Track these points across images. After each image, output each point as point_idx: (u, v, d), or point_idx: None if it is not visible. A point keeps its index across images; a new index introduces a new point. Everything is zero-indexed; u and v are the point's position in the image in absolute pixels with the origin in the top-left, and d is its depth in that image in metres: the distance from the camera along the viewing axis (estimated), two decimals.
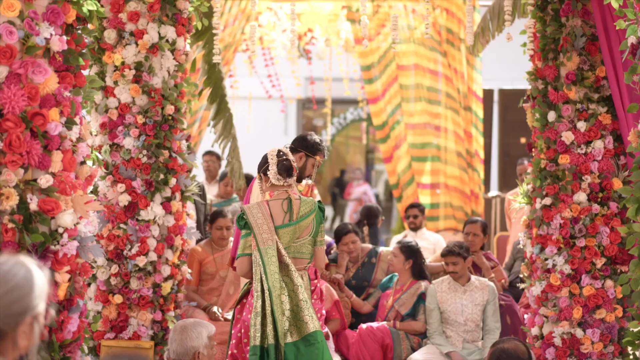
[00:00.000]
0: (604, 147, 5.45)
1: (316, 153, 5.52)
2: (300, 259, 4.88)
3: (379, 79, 9.96)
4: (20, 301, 2.18)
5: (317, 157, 5.51)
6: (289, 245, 4.84)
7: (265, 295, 4.68)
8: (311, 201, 4.96)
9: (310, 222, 4.90)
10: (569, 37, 5.45)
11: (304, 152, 5.51)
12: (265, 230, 4.79)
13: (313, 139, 5.53)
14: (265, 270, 4.71)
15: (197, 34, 6.37)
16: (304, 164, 5.48)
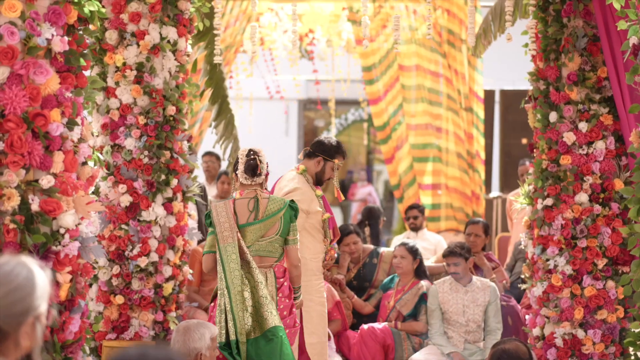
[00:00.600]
0: (605, 147, 5.45)
1: (334, 156, 5.57)
2: (266, 257, 4.96)
3: (380, 80, 9.96)
4: (22, 301, 2.18)
5: (335, 160, 5.56)
6: (254, 243, 4.93)
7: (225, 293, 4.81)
8: (281, 200, 5.02)
9: (276, 220, 4.95)
10: (570, 38, 5.45)
11: (321, 156, 5.56)
12: (227, 229, 4.88)
13: (330, 142, 5.61)
14: (224, 268, 4.83)
15: (199, 34, 6.37)
16: (322, 168, 5.60)
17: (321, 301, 5.58)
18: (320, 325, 5.56)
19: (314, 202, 5.57)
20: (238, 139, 7.97)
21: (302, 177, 5.63)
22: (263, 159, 5.04)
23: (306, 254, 5.51)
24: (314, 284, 5.55)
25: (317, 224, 5.59)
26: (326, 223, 5.63)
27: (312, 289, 5.53)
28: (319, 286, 5.58)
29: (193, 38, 6.03)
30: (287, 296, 5.00)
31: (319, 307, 5.56)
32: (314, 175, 5.66)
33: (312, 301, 5.52)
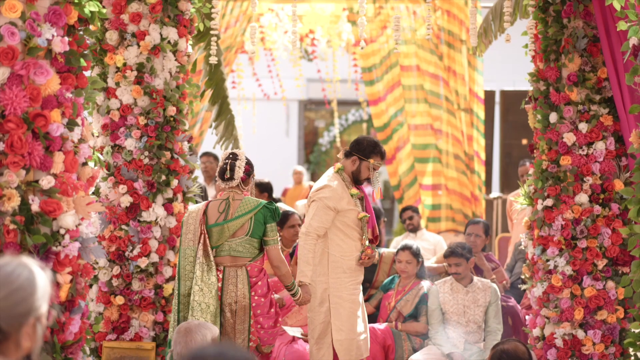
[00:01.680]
0: (605, 148, 5.45)
1: (369, 156, 5.63)
2: (238, 257, 5.04)
3: (380, 81, 9.96)
4: (23, 302, 2.18)
5: (370, 160, 5.59)
6: (222, 244, 5.03)
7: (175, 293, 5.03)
8: (254, 202, 5.08)
9: (244, 221, 5.02)
10: (570, 39, 5.45)
11: (356, 155, 5.60)
12: (191, 231, 5.06)
13: (367, 142, 5.67)
14: (179, 270, 5.04)
15: (199, 35, 6.37)
16: (357, 167, 5.68)
17: (351, 298, 5.63)
18: (349, 322, 5.62)
19: (343, 200, 5.63)
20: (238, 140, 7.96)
21: (338, 175, 5.71)
22: (240, 163, 5.10)
23: (336, 251, 5.63)
24: (344, 281, 5.63)
25: (350, 222, 5.66)
26: (363, 222, 5.69)
27: (342, 286, 5.62)
28: (349, 284, 5.64)
29: (193, 39, 6.03)
30: (262, 295, 5.05)
31: (348, 304, 5.62)
32: (350, 174, 5.73)
33: (341, 298, 5.61)
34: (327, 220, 5.56)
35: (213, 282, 4.95)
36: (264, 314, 5.05)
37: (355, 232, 5.68)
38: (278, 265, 5.09)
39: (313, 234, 5.52)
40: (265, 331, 5.05)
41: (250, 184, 5.17)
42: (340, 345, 5.60)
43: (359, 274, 5.72)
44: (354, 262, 5.67)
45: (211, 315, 4.91)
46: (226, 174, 5.07)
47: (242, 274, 5.01)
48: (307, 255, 5.50)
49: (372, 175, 5.72)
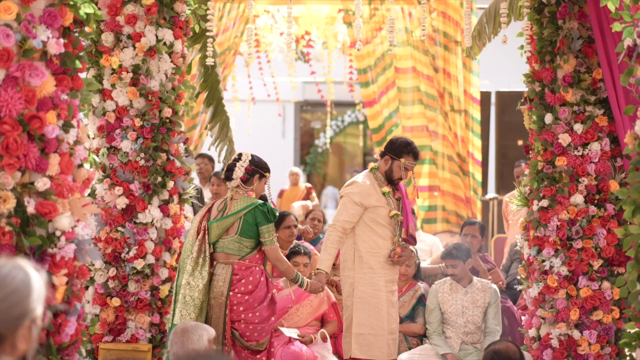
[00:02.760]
0: (600, 149, 5.46)
1: (401, 155, 5.71)
2: (230, 254, 5.25)
3: (375, 82, 9.96)
4: (19, 305, 2.18)
5: (402, 160, 5.64)
6: (218, 240, 5.26)
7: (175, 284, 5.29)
8: (246, 202, 5.26)
9: (234, 220, 5.22)
10: (565, 40, 5.46)
11: (388, 155, 5.68)
12: (194, 227, 5.32)
13: (399, 142, 5.75)
14: (179, 264, 5.29)
15: (194, 37, 6.37)
16: (390, 167, 5.80)
17: (377, 294, 5.71)
18: (372, 317, 5.70)
19: (372, 197, 5.75)
20: (233, 141, 7.96)
21: (371, 174, 5.87)
22: (242, 164, 5.30)
23: (362, 247, 5.75)
24: (369, 277, 5.72)
25: (380, 220, 5.76)
26: (395, 221, 5.77)
27: (367, 282, 5.73)
28: (375, 280, 5.72)
29: (188, 40, 6.03)
30: (246, 292, 5.19)
31: (374, 299, 5.70)
32: (384, 173, 5.86)
33: (365, 293, 5.71)
34: (352, 215, 5.73)
35: (203, 277, 5.17)
36: (247, 310, 5.18)
37: (387, 230, 5.78)
38: (276, 264, 5.29)
39: (338, 227, 5.72)
40: (247, 326, 5.18)
41: (254, 185, 5.32)
42: (360, 338, 5.68)
43: (388, 271, 5.77)
44: (382, 259, 5.75)
45: (195, 308, 5.11)
46: (223, 173, 5.35)
47: (227, 271, 5.20)
48: (329, 245, 5.71)
49: (406, 175, 5.81)
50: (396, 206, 5.84)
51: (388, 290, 5.78)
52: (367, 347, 5.69)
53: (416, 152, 5.82)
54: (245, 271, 5.22)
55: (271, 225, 5.23)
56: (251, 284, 5.22)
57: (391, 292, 5.81)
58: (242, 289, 5.19)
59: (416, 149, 5.84)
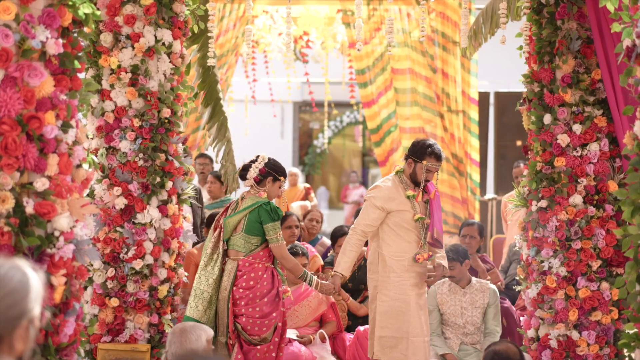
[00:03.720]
0: (599, 149, 5.46)
1: (423, 158, 5.71)
2: (237, 251, 5.51)
3: (373, 83, 9.96)
4: (16, 305, 2.18)
5: (424, 162, 5.66)
6: (230, 237, 5.54)
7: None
8: (254, 200, 5.50)
9: (240, 218, 5.48)
10: (564, 40, 5.46)
11: (411, 157, 5.74)
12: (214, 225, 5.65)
13: (420, 144, 5.78)
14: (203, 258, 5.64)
15: (193, 37, 6.37)
16: (413, 169, 5.80)
17: (402, 298, 5.71)
18: (396, 319, 5.70)
19: (394, 201, 5.76)
20: (231, 142, 7.97)
21: (396, 177, 5.88)
22: (257, 165, 5.53)
23: (385, 251, 5.75)
24: (392, 280, 5.73)
25: (403, 223, 5.75)
26: (420, 224, 5.75)
27: (390, 285, 5.74)
28: (399, 284, 5.72)
29: (187, 41, 6.03)
30: (247, 288, 5.41)
31: (395, 302, 5.71)
32: (409, 176, 5.86)
33: (387, 296, 5.72)
34: (374, 219, 5.75)
35: (214, 272, 5.47)
36: (248, 305, 5.38)
37: (412, 233, 5.77)
38: (282, 262, 5.49)
39: (358, 230, 5.77)
40: (247, 320, 5.39)
41: (266, 186, 5.54)
42: (383, 341, 5.70)
43: (414, 275, 5.75)
44: (406, 262, 5.73)
45: (204, 302, 5.44)
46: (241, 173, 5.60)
47: (232, 267, 5.46)
48: (347, 248, 5.76)
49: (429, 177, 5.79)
50: (423, 209, 5.82)
51: (415, 294, 5.76)
52: (388, 349, 5.69)
53: (438, 153, 5.79)
54: (248, 267, 5.43)
55: (276, 224, 5.40)
56: (252, 279, 5.41)
57: (418, 295, 5.78)
58: (244, 284, 5.40)
59: (438, 150, 5.80)
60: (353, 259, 5.79)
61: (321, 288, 5.65)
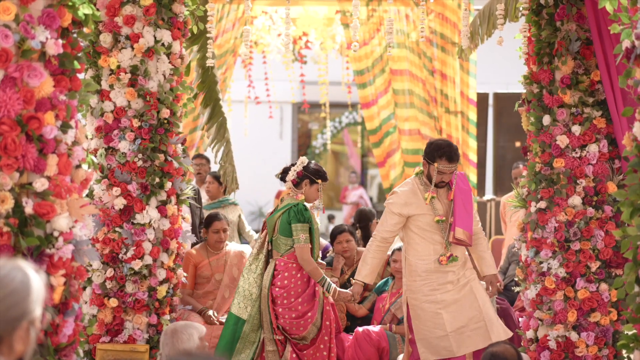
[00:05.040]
0: (598, 150, 5.46)
1: (434, 159, 5.63)
2: (276, 251, 5.75)
3: (372, 84, 9.95)
4: (17, 306, 2.17)
5: (435, 164, 5.61)
6: (272, 238, 5.77)
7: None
8: (288, 202, 5.69)
9: (276, 219, 5.72)
10: (563, 41, 5.46)
11: (425, 159, 5.71)
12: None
13: (432, 146, 5.70)
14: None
15: (192, 38, 6.37)
16: (427, 171, 5.72)
17: (430, 299, 5.65)
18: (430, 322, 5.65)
19: (411, 205, 5.68)
20: (230, 142, 7.96)
21: (416, 179, 5.80)
22: (295, 168, 5.76)
23: (411, 255, 5.72)
24: (418, 284, 5.69)
25: (425, 226, 5.67)
26: (441, 225, 5.65)
27: (416, 289, 5.70)
28: (424, 287, 5.67)
29: (186, 41, 6.03)
30: (282, 287, 5.61)
31: (427, 304, 5.66)
32: (427, 177, 5.76)
33: (417, 300, 5.69)
34: (392, 225, 5.69)
35: (255, 271, 5.71)
36: (282, 305, 5.60)
37: (436, 235, 5.68)
38: (302, 263, 5.64)
39: (378, 237, 5.74)
40: (285, 320, 5.61)
41: (303, 188, 5.73)
42: (426, 343, 5.67)
43: (440, 275, 5.66)
44: (431, 265, 5.66)
45: (246, 299, 5.68)
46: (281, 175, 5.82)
47: (271, 267, 5.70)
48: (367, 255, 5.76)
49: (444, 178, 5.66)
50: (447, 209, 5.70)
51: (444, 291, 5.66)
52: (433, 349, 5.67)
53: (450, 155, 5.63)
54: (284, 267, 5.65)
55: (300, 225, 5.57)
56: (286, 279, 5.63)
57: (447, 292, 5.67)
58: (279, 284, 5.62)
59: (450, 152, 5.64)
60: (374, 266, 5.74)
61: (339, 296, 5.68)
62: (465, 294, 5.71)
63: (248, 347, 5.68)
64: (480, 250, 5.87)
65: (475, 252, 5.88)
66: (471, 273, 5.77)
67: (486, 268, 5.87)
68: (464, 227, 5.65)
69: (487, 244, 5.93)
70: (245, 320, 5.68)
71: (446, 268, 5.67)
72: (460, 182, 5.77)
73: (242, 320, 5.68)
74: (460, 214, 5.66)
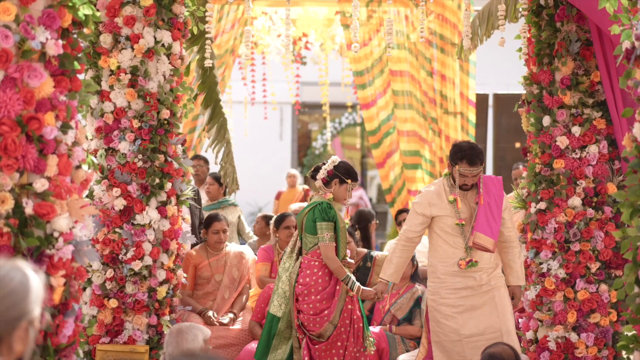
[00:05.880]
0: (598, 151, 5.46)
1: (456, 162, 5.53)
2: (304, 248, 5.79)
3: (372, 85, 9.95)
4: (16, 306, 2.17)
5: (456, 167, 5.53)
6: (301, 236, 5.81)
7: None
8: (315, 200, 5.73)
9: (303, 217, 5.75)
10: (563, 42, 5.47)
11: (449, 161, 5.64)
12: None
13: (454, 149, 5.59)
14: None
15: (192, 38, 6.37)
16: (452, 173, 5.62)
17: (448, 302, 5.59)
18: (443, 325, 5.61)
19: (435, 206, 5.60)
20: (231, 143, 7.96)
21: (444, 180, 5.68)
22: (326, 167, 5.77)
23: (433, 257, 5.67)
24: (437, 286, 5.64)
25: (447, 228, 5.58)
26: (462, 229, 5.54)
27: (435, 290, 5.65)
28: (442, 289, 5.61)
29: (186, 42, 6.03)
30: (304, 284, 5.68)
31: (442, 307, 5.62)
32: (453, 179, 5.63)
33: (436, 302, 5.65)
34: (416, 225, 5.64)
35: (287, 269, 5.78)
36: (303, 301, 5.65)
37: (457, 238, 5.57)
38: (326, 261, 5.65)
39: (402, 236, 5.71)
40: (304, 316, 5.65)
41: (332, 187, 5.74)
42: (440, 346, 5.64)
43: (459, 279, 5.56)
44: (451, 267, 5.55)
45: (278, 297, 5.77)
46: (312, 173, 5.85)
47: (297, 264, 5.76)
48: (392, 254, 5.73)
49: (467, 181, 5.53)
50: (470, 213, 5.58)
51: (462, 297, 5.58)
52: (446, 353, 5.63)
53: (471, 157, 5.48)
54: (307, 264, 5.71)
55: (325, 224, 5.62)
56: (308, 276, 5.68)
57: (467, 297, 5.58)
58: (301, 281, 5.69)
59: (471, 155, 5.48)
60: (399, 265, 5.68)
61: (362, 294, 5.67)
62: (485, 302, 5.57)
63: (284, 343, 5.75)
64: (508, 259, 5.66)
65: (504, 260, 5.69)
66: (497, 281, 5.60)
67: (512, 278, 5.66)
68: (485, 232, 5.48)
69: (517, 252, 5.69)
70: (280, 318, 5.76)
71: (466, 273, 5.55)
72: (492, 186, 5.59)
73: (277, 318, 5.76)
74: (483, 218, 5.52)
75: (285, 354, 5.72)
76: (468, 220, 5.57)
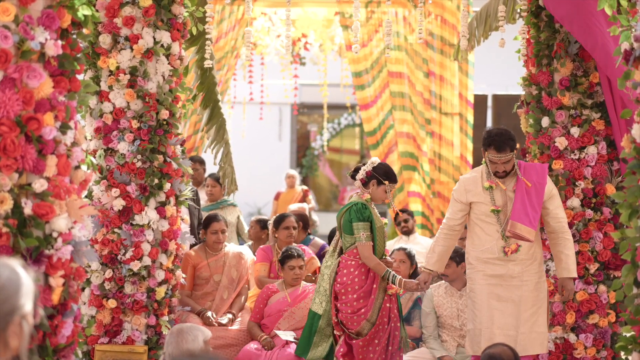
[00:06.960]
0: (597, 152, 5.47)
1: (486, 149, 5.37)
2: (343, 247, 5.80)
3: (371, 86, 9.96)
4: (7, 302, 2.19)
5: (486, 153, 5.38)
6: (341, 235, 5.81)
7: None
8: (351, 200, 5.78)
9: (340, 217, 5.77)
10: (562, 43, 5.47)
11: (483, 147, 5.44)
12: None
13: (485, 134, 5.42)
14: None
15: (191, 39, 6.37)
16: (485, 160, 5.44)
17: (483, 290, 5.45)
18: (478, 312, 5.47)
19: (470, 192, 5.47)
20: (229, 144, 7.97)
21: (484, 167, 5.48)
22: (365, 168, 5.77)
23: (470, 244, 5.53)
24: (473, 273, 5.52)
25: (482, 216, 5.44)
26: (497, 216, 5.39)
27: (471, 278, 5.54)
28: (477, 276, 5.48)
29: (185, 42, 6.04)
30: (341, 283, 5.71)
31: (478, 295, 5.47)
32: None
33: (473, 290, 5.54)
34: (455, 212, 5.52)
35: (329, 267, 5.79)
36: (341, 300, 5.68)
37: (491, 226, 5.42)
38: (364, 261, 5.66)
39: (444, 225, 5.60)
40: (342, 314, 5.68)
41: (371, 188, 5.73)
42: (471, 334, 5.51)
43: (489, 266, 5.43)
44: (487, 255, 5.40)
45: (319, 295, 5.80)
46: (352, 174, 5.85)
47: (336, 263, 5.78)
48: (434, 244, 5.67)
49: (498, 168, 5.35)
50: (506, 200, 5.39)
51: (489, 284, 5.44)
52: (475, 342, 5.52)
53: (499, 144, 5.29)
54: (344, 264, 5.73)
55: (362, 224, 5.63)
56: (345, 275, 5.71)
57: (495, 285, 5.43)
58: (339, 280, 5.72)
59: (499, 141, 5.30)
60: (441, 254, 5.58)
61: (405, 285, 5.67)
62: (510, 297, 5.41)
63: (324, 340, 5.80)
64: (557, 251, 5.36)
65: (553, 252, 5.46)
66: (531, 277, 5.39)
67: (560, 270, 5.35)
68: (522, 221, 5.28)
69: (566, 243, 5.36)
70: (321, 315, 5.80)
71: (497, 261, 5.40)
72: (533, 174, 5.34)
73: (318, 315, 5.81)
74: (520, 207, 5.31)
75: (325, 351, 5.79)
76: (503, 207, 5.40)
